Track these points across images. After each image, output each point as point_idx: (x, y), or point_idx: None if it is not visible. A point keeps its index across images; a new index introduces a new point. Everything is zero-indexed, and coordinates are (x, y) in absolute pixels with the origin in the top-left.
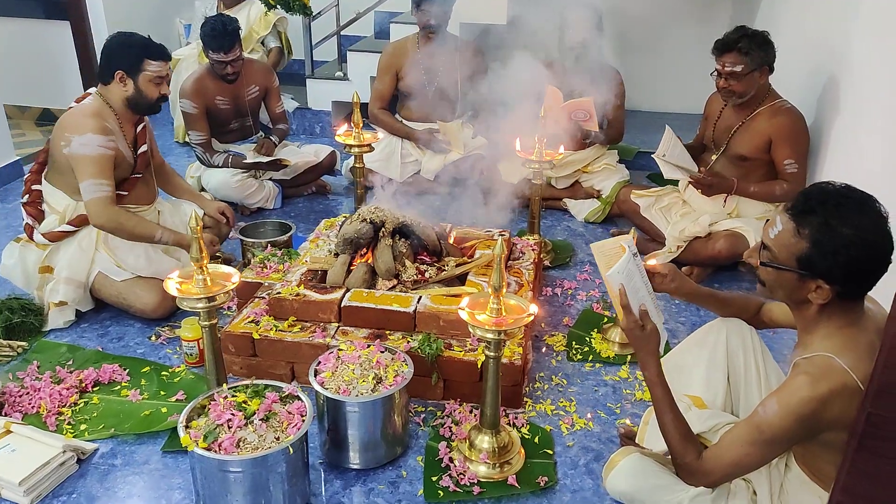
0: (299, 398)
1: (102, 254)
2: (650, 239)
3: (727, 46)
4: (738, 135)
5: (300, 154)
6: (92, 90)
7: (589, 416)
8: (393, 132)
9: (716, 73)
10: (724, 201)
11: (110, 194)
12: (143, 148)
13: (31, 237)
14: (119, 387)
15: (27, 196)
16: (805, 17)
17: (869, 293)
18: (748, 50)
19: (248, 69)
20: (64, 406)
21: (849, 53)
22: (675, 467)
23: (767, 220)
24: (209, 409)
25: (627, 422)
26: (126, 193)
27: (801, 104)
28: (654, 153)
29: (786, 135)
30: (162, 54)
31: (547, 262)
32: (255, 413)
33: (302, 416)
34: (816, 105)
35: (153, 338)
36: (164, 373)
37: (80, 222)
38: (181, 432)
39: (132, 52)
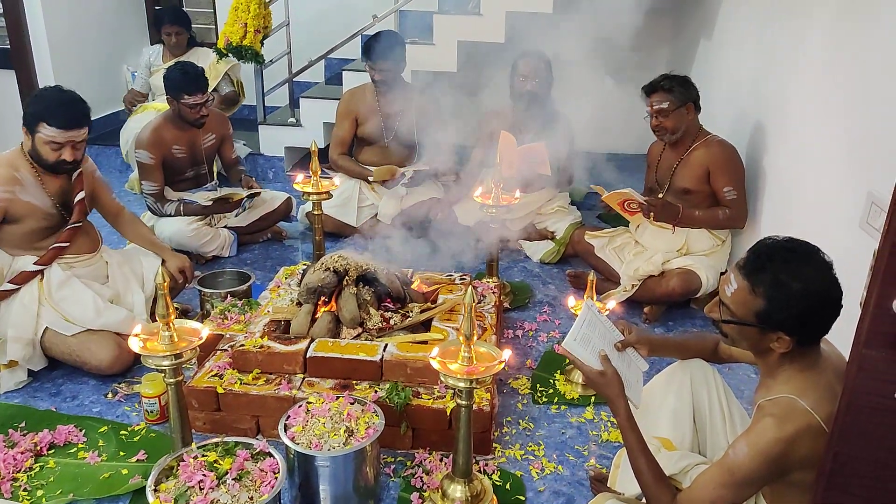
0: (271, 455)
1: (48, 308)
2: (605, 279)
3: (653, 88)
4: (679, 170)
5: (260, 197)
6: None
7: (557, 459)
8: (354, 176)
9: (647, 113)
10: (673, 229)
11: None
12: (80, 196)
13: None
14: (76, 449)
15: None
16: (736, 65)
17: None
18: (671, 87)
19: None
20: (19, 471)
21: (773, 98)
22: None
23: (723, 275)
24: (178, 470)
25: (594, 462)
26: (67, 244)
27: (734, 142)
28: (601, 195)
29: (721, 164)
30: (67, 123)
31: (507, 305)
32: (227, 473)
33: (275, 473)
34: (748, 142)
35: (110, 395)
36: (122, 432)
37: (23, 280)
38: (150, 497)
39: (34, 109)
